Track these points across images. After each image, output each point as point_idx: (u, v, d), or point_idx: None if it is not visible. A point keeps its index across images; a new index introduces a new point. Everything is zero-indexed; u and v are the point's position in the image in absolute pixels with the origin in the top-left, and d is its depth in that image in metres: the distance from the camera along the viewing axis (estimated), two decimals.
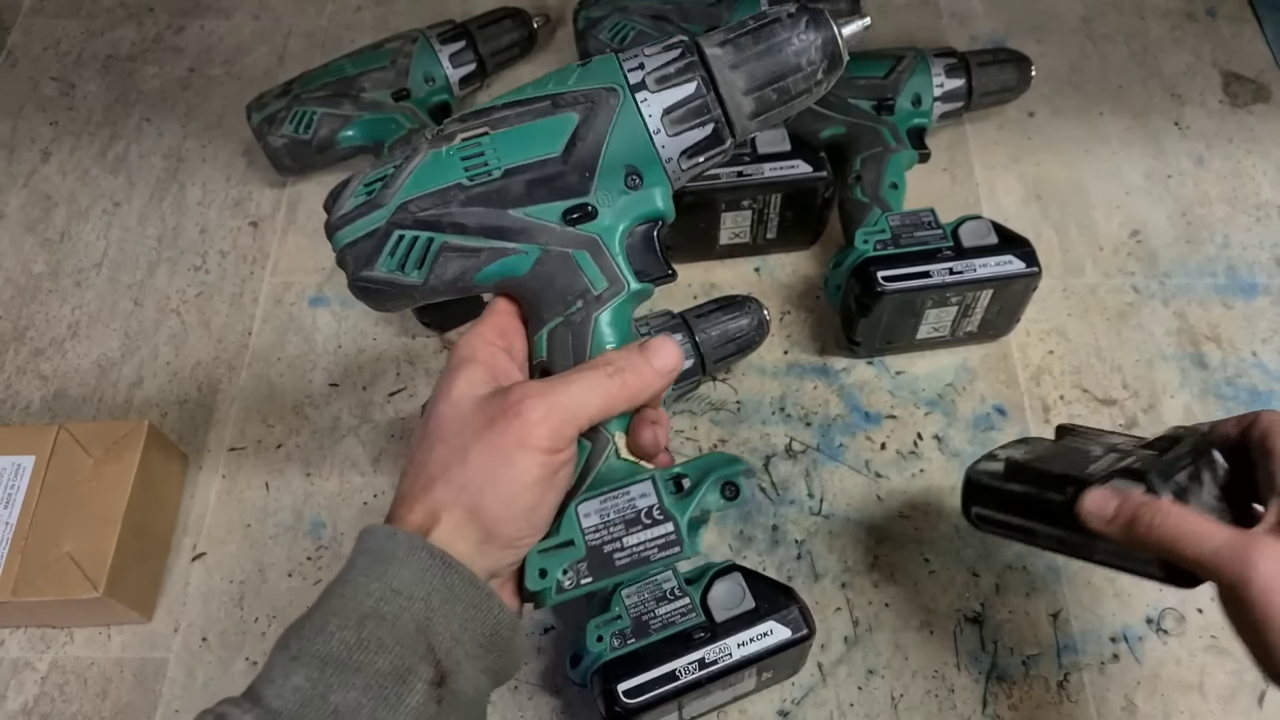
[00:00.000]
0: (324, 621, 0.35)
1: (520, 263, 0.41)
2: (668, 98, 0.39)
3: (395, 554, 0.36)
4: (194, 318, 0.73)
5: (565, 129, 0.39)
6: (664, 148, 0.40)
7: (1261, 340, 0.71)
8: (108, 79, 0.87)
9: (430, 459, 0.38)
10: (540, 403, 0.37)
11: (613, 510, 0.40)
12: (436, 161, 0.40)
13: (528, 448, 0.37)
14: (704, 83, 0.39)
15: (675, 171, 0.41)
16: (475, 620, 0.37)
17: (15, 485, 0.59)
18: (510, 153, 0.40)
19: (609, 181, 0.40)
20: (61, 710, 0.58)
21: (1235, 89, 0.84)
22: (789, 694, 0.58)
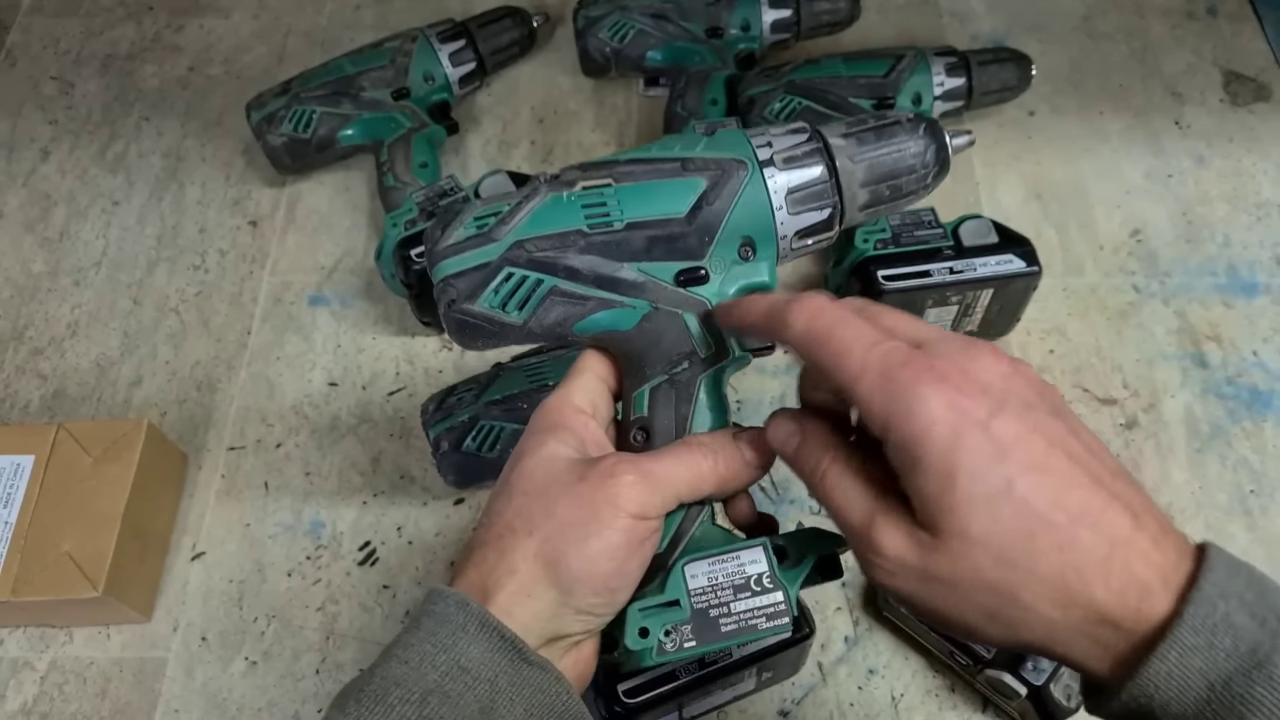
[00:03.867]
0: (385, 691, 0.33)
1: (627, 317, 0.40)
2: (794, 178, 0.40)
3: (466, 628, 0.34)
4: (193, 317, 0.73)
5: (693, 192, 0.40)
6: (782, 224, 0.41)
7: (1262, 339, 0.71)
8: (107, 78, 0.87)
9: (510, 508, 0.37)
10: (633, 468, 0.37)
11: (721, 574, 0.39)
12: (557, 205, 0.40)
13: (617, 508, 0.36)
14: (828, 169, 0.40)
15: (785, 249, 0.42)
16: (541, 706, 0.35)
17: (14, 485, 0.59)
18: (634, 207, 0.40)
19: (724, 250, 0.40)
20: (61, 710, 0.58)
21: (1236, 88, 0.84)
22: (789, 694, 0.58)
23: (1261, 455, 0.66)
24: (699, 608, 0.38)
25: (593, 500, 0.36)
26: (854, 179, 0.40)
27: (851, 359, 0.32)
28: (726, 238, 0.40)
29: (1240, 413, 0.67)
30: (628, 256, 0.40)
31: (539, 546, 0.36)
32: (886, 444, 0.31)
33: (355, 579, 0.62)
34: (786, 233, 0.41)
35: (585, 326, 0.40)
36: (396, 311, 0.72)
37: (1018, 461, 0.29)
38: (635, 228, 0.40)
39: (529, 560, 0.35)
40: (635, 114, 0.83)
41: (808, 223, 0.41)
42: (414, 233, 0.65)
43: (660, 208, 0.40)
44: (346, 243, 0.76)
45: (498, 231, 0.40)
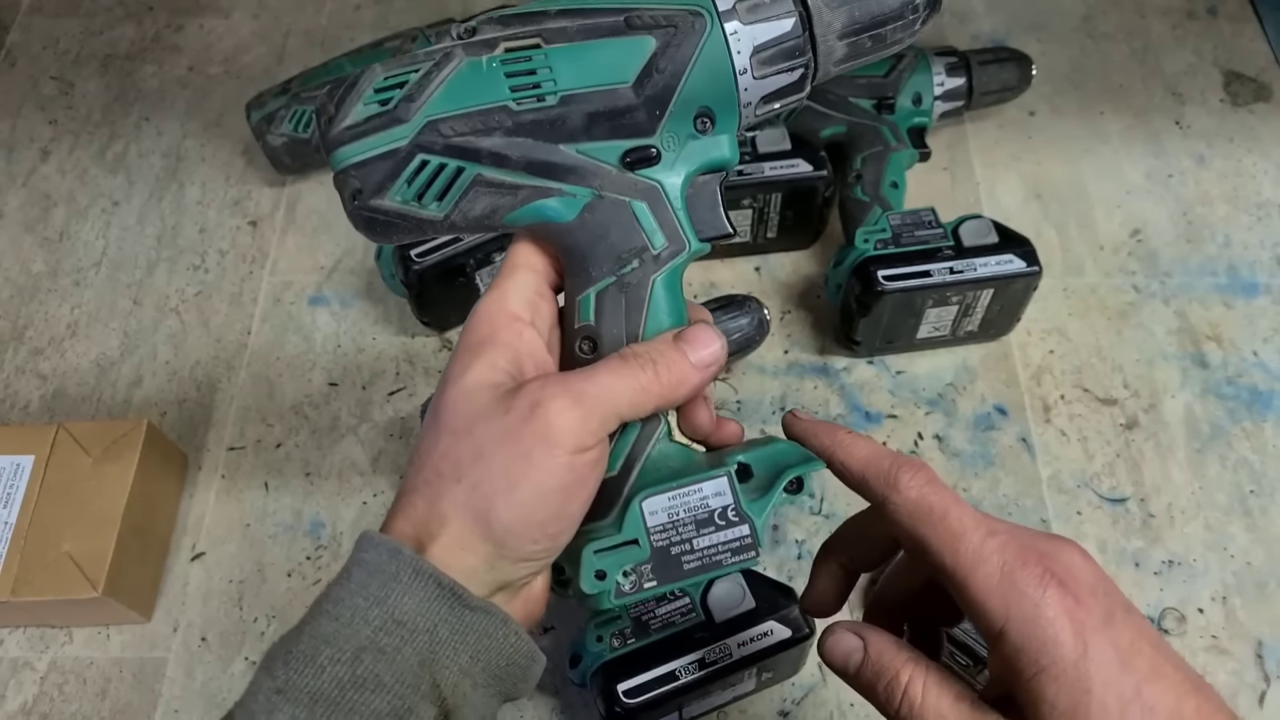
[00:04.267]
0: (315, 650, 0.30)
1: (566, 207, 0.34)
2: (760, 33, 0.33)
3: (399, 577, 0.31)
4: (193, 317, 0.73)
5: (640, 55, 0.33)
6: (746, 90, 0.34)
7: (1262, 340, 0.71)
8: (107, 78, 0.87)
9: (436, 450, 0.33)
10: (563, 392, 0.32)
11: (683, 508, 0.35)
12: (475, 73, 0.33)
13: (550, 445, 0.32)
14: (801, 20, 0.34)
15: (749, 117, 0.36)
16: (488, 651, 0.32)
17: (14, 485, 0.59)
18: (570, 75, 0.33)
19: (678, 123, 0.34)
20: (61, 710, 0.58)
21: (1236, 88, 0.84)
22: (789, 694, 0.58)
23: (1262, 455, 0.66)
24: (659, 546, 0.35)
25: (521, 438, 0.32)
26: (831, 29, 0.34)
27: (967, 544, 0.30)
28: (681, 109, 0.34)
29: (1240, 413, 0.67)
30: (564, 137, 0.34)
31: (467, 495, 0.32)
32: (999, 643, 0.29)
33: None
34: (751, 99, 0.35)
35: (517, 218, 0.35)
36: (396, 311, 0.72)
37: (1140, 669, 0.29)
38: (572, 101, 0.33)
39: (458, 510, 0.32)
40: None
41: (775, 86, 0.35)
42: None
43: (601, 75, 0.33)
44: (346, 243, 0.76)
45: (405, 110, 0.33)
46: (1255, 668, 0.58)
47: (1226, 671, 0.58)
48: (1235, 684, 0.58)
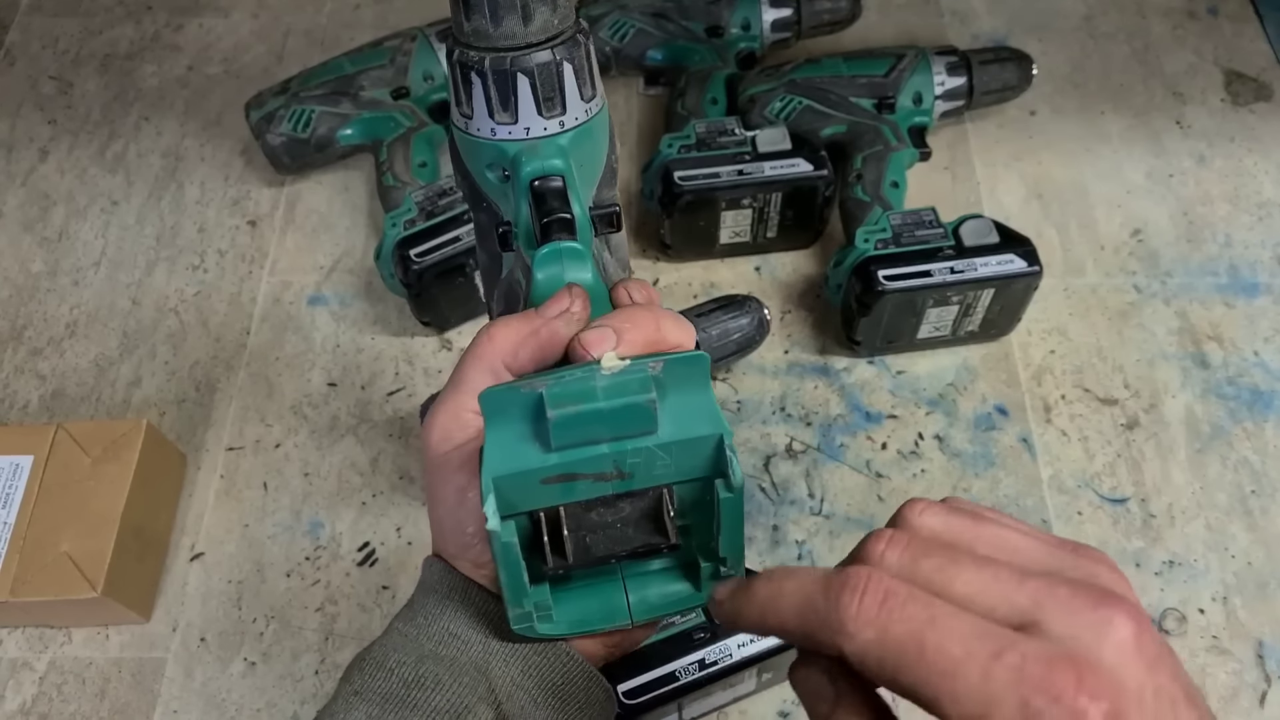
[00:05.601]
0: (384, 657, 0.34)
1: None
2: None
3: (452, 595, 0.35)
4: (192, 317, 0.73)
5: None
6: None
7: (1263, 340, 0.70)
8: (106, 77, 0.86)
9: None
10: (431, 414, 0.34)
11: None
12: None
13: (431, 462, 0.34)
14: None
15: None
16: (540, 667, 0.34)
17: (13, 485, 0.59)
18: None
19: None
20: (60, 710, 0.58)
21: (1237, 87, 0.84)
22: (790, 694, 0.58)
23: (1262, 456, 0.66)
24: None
25: (429, 471, 0.34)
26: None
27: (965, 685, 0.22)
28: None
29: (1241, 413, 0.67)
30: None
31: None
32: None
33: (354, 579, 0.62)
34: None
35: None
36: (395, 311, 0.72)
37: None
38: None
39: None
40: (635, 113, 0.83)
41: None
42: (414, 232, 0.65)
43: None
44: (346, 242, 0.76)
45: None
46: (1256, 668, 0.58)
47: (1227, 672, 0.58)
48: (1236, 684, 0.58)
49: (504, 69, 0.32)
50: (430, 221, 0.66)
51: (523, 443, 0.30)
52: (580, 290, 0.34)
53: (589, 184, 0.36)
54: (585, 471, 0.30)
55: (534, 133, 0.34)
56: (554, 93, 0.33)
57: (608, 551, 0.31)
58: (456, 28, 0.33)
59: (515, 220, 0.35)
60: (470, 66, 0.32)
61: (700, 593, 0.34)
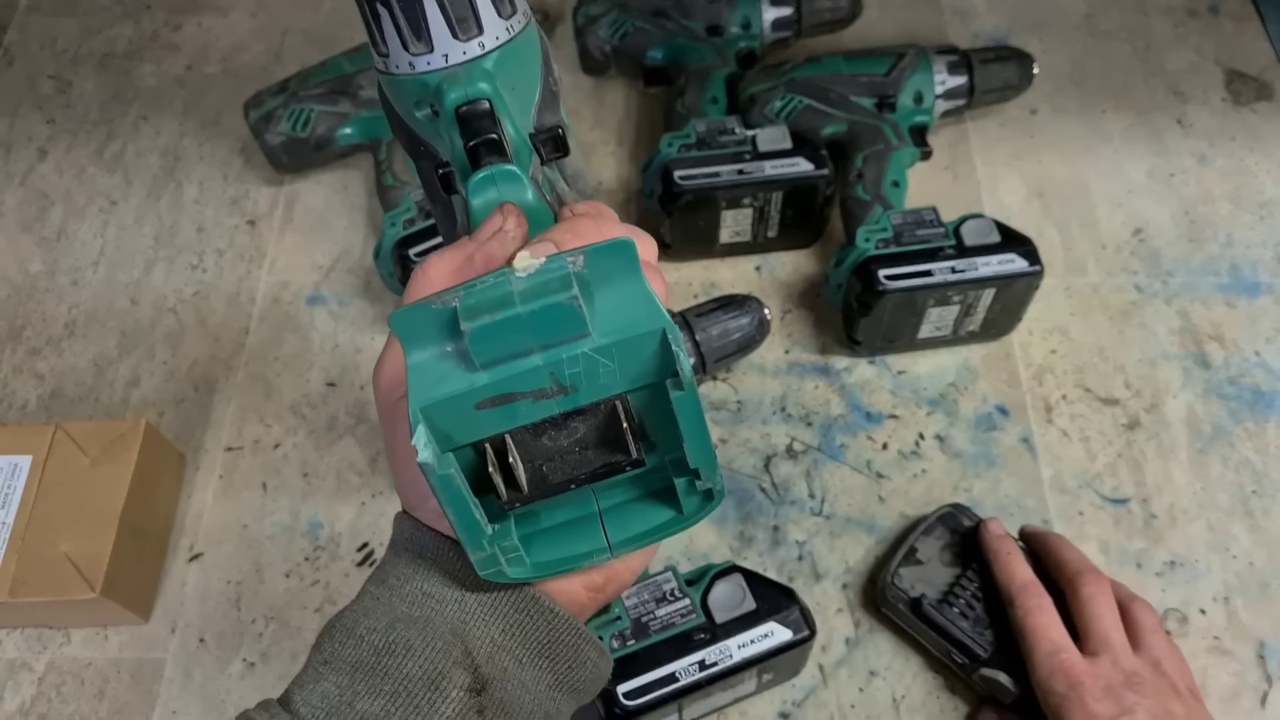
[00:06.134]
0: (355, 623, 0.33)
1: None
2: None
3: (424, 553, 0.33)
4: (191, 317, 0.73)
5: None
6: None
7: (1265, 339, 0.70)
8: (104, 77, 0.86)
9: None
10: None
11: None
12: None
13: (382, 412, 0.34)
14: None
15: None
16: (522, 625, 0.33)
17: (12, 485, 0.59)
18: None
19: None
20: (59, 711, 0.58)
21: (1238, 87, 0.83)
22: (790, 695, 0.58)
23: (1264, 456, 0.65)
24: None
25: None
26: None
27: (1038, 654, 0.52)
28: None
29: (1243, 413, 0.67)
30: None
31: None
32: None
33: (354, 580, 0.62)
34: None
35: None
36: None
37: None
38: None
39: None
40: (635, 112, 0.83)
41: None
42: (412, 232, 0.65)
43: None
44: (344, 242, 0.76)
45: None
46: (1257, 668, 0.58)
47: (1228, 672, 0.58)
48: (1237, 685, 0.58)
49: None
50: (429, 221, 0.66)
51: (446, 365, 0.27)
52: (514, 208, 0.31)
53: (524, 108, 0.34)
54: (521, 390, 0.27)
55: (453, 59, 0.32)
56: (466, 13, 0.31)
57: (566, 477, 0.28)
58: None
59: (452, 157, 0.33)
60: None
61: (683, 515, 0.31)
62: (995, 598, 0.56)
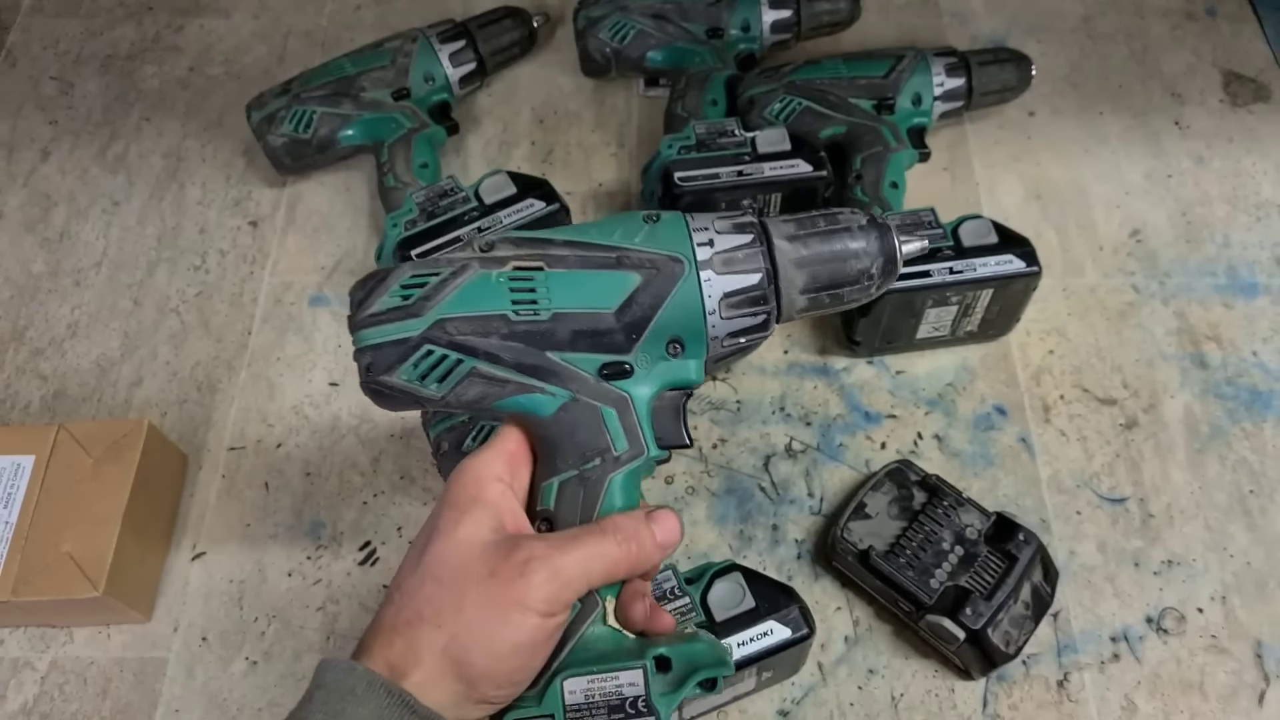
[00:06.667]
0: None
1: (546, 404, 0.39)
2: (730, 283, 0.39)
3: (354, 691, 0.34)
4: (193, 317, 0.73)
5: (625, 288, 0.39)
6: (714, 327, 0.40)
7: (1262, 340, 0.71)
8: (107, 78, 0.87)
9: (420, 595, 0.37)
10: (545, 565, 0.36)
11: (599, 693, 0.38)
12: (485, 284, 0.39)
13: (526, 610, 0.35)
14: (767, 275, 0.39)
15: (716, 349, 0.41)
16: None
17: (15, 485, 0.59)
18: (563, 297, 0.39)
19: (651, 347, 0.40)
20: (61, 709, 0.58)
21: (1235, 88, 0.84)
22: (789, 694, 0.58)
23: (1261, 456, 0.66)
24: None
25: (502, 600, 0.35)
26: (794, 285, 0.40)
27: None
28: (654, 336, 0.39)
29: (1240, 413, 0.67)
30: (551, 345, 0.39)
31: (446, 642, 0.35)
32: None
33: (355, 579, 0.62)
34: (718, 334, 0.40)
35: (504, 406, 0.40)
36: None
37: None
38: (561, 318, 0.39)
39: (435, 655, 0.35)
40: (635, 114, 0.83)
41: (740, 326, 0.40)
42: (414, 233, 0.65)
43: (589, 300, 0.39)
44: (347, 243, 0.76)
45: (421, 307, 0.39)
46: (1255, 667, 0.59)
47: (1226, 671, 0.58)
48: (1235, 684, 0.58)
49: None
50: (431, 222, 0.66)
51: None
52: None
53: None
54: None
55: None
56: None
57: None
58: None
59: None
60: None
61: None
62: (939, 548, 0.57)
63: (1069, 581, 0.61)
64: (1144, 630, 0.60)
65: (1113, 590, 0.61)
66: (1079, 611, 0.60)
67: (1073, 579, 0.61)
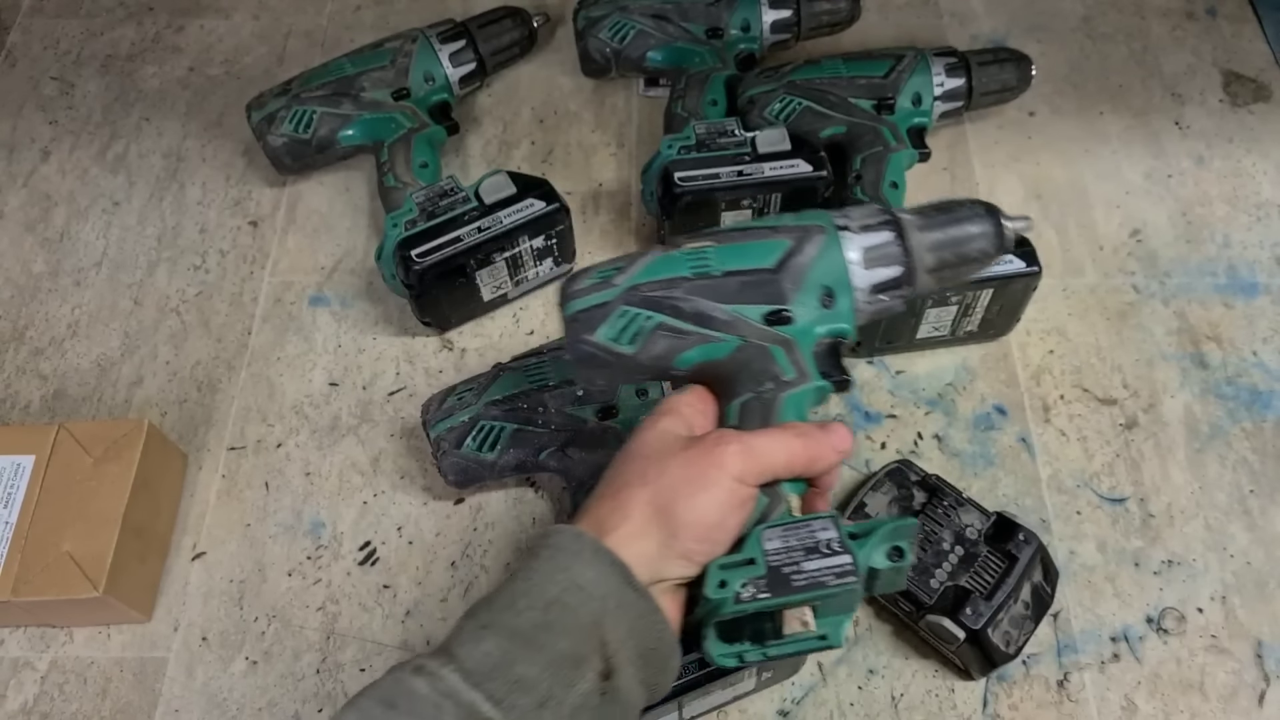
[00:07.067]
0: (513, 599, 0.39)
1: (721, 349, 0.46)
2: (867, 239, 0.47)
3: (581, 554, 0.40)
4: (194, 317, 0.73)
5: (780, 249, 0.47)
6: (857, 277, 0.47)
7: (1262, 340, 0.71)
8: (107, 78, 0.87)
9: (627, 469, 0.43)
10: (736, 439, 0.42)
11: (794, 538, 0.42)
12: (667, 259, 0.47)
13: (723, 471, 0.41)
14: (897, 235, 0.47)
15: (862, 301, 0.48)
16: (641, 631, 0.40)
17: (15, 485, 0.59)
18: (731, 260, 0.47)
19: (808, 296, 0.47)
20: (61, 709, 0.58)
21: (1235, 88, 0.84)
22: (789, 693, 0.58)
23: (1261, 455, 0.66)
24: (773, 565, 0.41)
25: (701, 463, 0.41)
26: (921, 245, 0.47)
27: None
28: (809, 286, 0.47)
29: (1240, 413, 0.67)
30: (724, 298, 0.46)
31: (652, 496, 0.41)
32: None
33: (355, 579, 0.62)
34: (861, 285, 0.47)
35: (685, 360, 0.47)
36: (397, 312, 0.73)
37: None
38: (731, 275, 0.46)
39: (642, 507, 0.41)
40: (635, 115, 0.83)
41: (881, 278, 0.47)
42: (414, 233, 0.65)
43: (753, 260, 0.47)
44: (347, 243, 0.76)
45: (617, 279, 0.47)
46: (1255, 667, 0.59)
47: (1226, 671, 0.58)
48: (1235, 683, 0.58)
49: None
50: (431, 222, 0.66)
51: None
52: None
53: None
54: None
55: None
56: None
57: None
58: None
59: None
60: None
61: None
62: (939, 548, 0.57)
63: (1069, 581, 0.61)
64: (1144, 630, 0.60)
65: (1113, 590, 0.61)
66: (1079, 611, 0.60)
67: (1073, 579, 0.61)
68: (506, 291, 0.71)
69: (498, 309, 0.73)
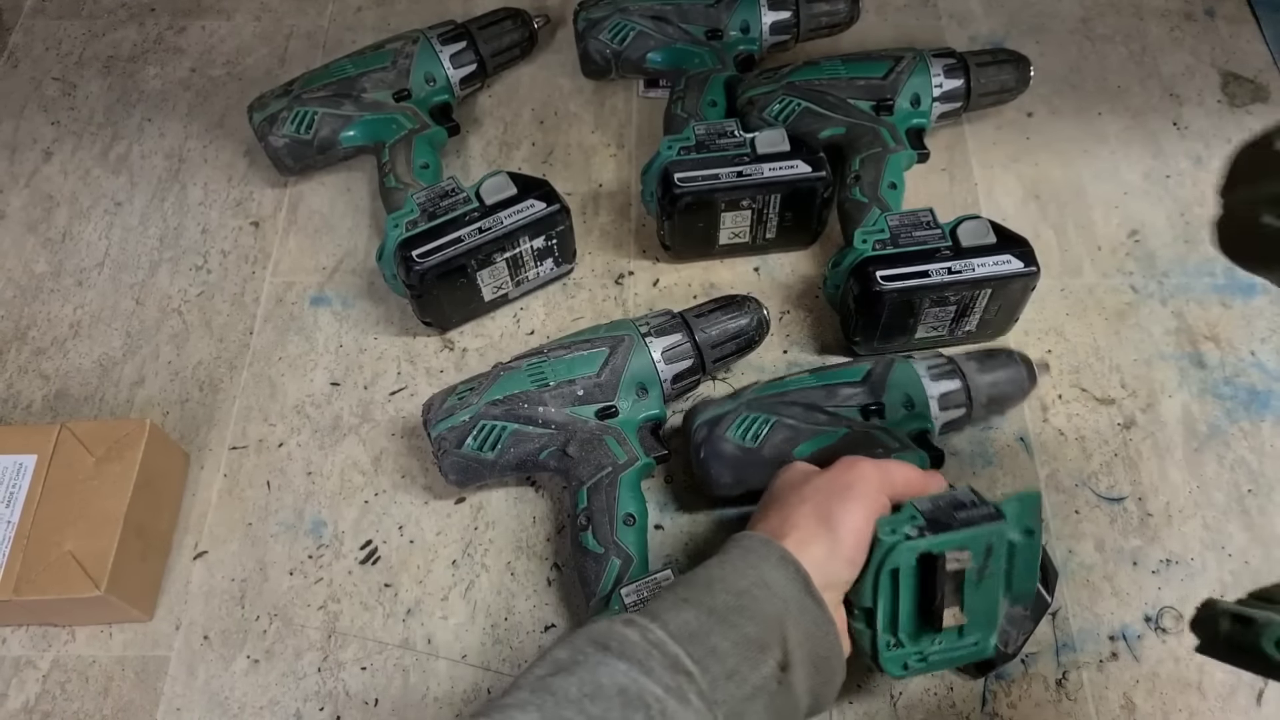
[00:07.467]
0: (709, 583, 0.44)
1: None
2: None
3: (769, 557, 0.45)
4: (195, 317, 0.74)
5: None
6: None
7: (1260, 340, 0.71)
8: (109, 79, 0.87)
9: (779, 494, 0.51)
10: (869, 459, 0.50)
11: (941, 501, 0.49)
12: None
13: (867, 482, 0.48)
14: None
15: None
16: (816, 638, 0.44)
17: (17, 484, 0.59)
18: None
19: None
20: (63, 708, 0.59)
21: (1234, 89, 0.84)
22: None
23: (1259, 455, 0.66)
24: (930, 517, 0.48)
25: (846, 477, 0.49)
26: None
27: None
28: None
29: (1238, 413, 0.68)
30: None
31: (812, 508, 0.48)
32: None
33: (357, 578, 0.63)
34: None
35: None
36: (398, 312, 0.73)
37: None
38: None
39: (806, 517, 0.47)
40: (635, 116, 0.83)
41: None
42: (415, 233, 0.66)
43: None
44: (348, 243, 0.77)
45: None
46: None
47: (1224, 670, 0.58)
48: (1233, 682, 0.58)
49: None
50: (432, 222, 0.66)
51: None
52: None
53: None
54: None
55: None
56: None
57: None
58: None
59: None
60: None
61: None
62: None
63: (1067, 580, 0.61)
64: (1142, 629, 0.60)
65: (1111, 589, 0.61)
66: (1077, 610, 0.60)
67: (1071, 578, 0.62)
68: (507, 292, 0.71)
69: (498, 309, 0.73)
